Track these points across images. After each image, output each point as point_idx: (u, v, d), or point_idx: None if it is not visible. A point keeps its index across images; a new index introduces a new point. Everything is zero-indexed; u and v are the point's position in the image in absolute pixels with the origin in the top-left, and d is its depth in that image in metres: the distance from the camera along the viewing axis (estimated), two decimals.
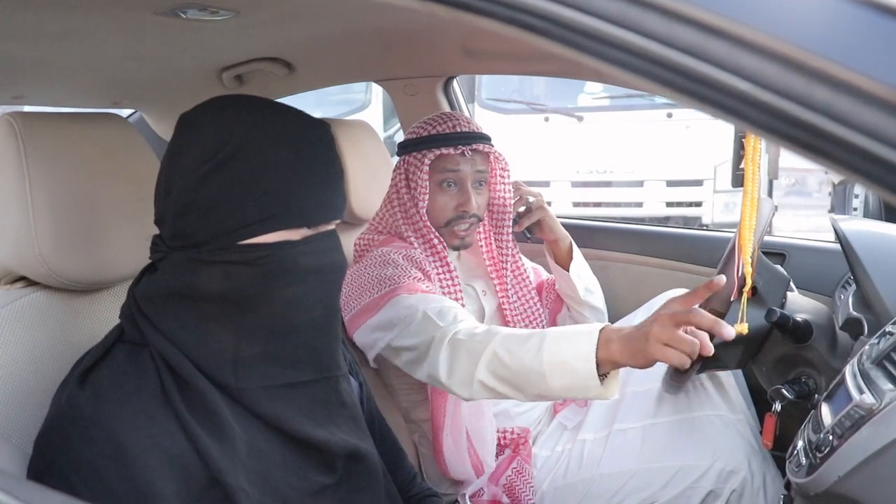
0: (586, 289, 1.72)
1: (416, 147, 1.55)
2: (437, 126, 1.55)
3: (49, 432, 0.83)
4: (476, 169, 1.56)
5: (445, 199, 1.55)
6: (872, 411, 0.94)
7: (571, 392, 1.17)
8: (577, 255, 1.74)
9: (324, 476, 0.93)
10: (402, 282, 1.43)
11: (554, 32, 0.45)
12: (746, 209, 1.16)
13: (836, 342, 1.40)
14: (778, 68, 0.41)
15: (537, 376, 1.16)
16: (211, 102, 0.89)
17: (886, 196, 0.43)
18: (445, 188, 1.55)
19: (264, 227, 0.84)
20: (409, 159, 1.55)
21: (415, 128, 1.59)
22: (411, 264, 1.49)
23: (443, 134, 1.53)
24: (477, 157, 1.56)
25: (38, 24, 1.16)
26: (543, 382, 1.15)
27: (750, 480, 1.42)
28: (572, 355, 1.12)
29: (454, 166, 1.53)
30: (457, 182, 1.55)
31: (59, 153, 1.00)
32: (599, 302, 1.76)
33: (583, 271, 1.75)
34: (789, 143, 0.42)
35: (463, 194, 1.55)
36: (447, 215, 1.56)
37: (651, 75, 0.43)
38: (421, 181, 1.52)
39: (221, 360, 0.86)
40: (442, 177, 1.54)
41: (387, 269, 1.46)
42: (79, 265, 0.99)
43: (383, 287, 1.43)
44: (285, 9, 1.28)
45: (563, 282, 1.74)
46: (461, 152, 1.53)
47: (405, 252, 1.51)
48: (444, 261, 1.55)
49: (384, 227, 1.62)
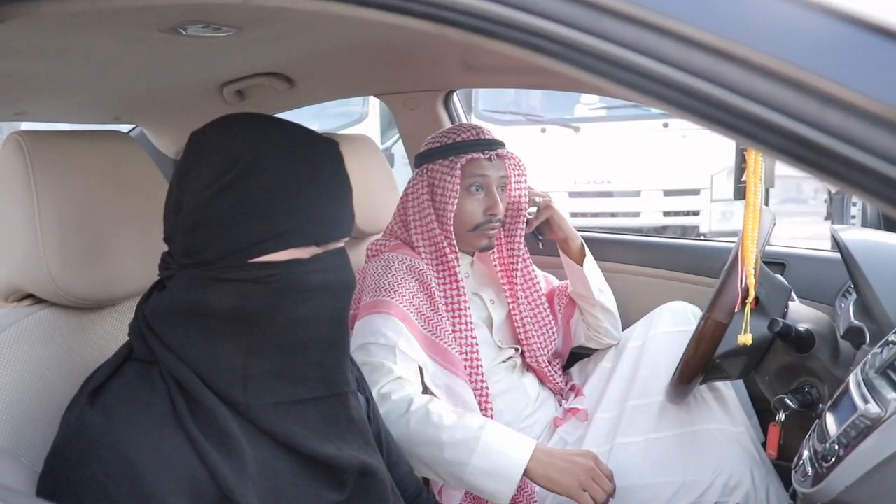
0: (599, 289, 1.74)
1: (443, 154, 1.59)
2: (461, 134, 1.60)
3: (60, 451, 0.83)
4: (500, 174, 1.61)
5: (474, 203, 1.59)
6: (878, 421, 0.94)
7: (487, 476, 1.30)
8: (588, 253, 1.76)
9: (334, 492, 0.93)
10: (387, 297, 1.47)
11: (568, 56, 0.46)
12: (749, 221, 1.18)
13: (838, 351, 1.41)
14: (791, 92, 0.41)
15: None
16: (221, 121, 0.89)
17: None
18: (474, 192, 1.59)
19: (275, 245, 0.84)
20: (436, 167, 1.59)
21: (436, 138, 1.63)
22: (411, 275, 1.52)
23: (470, 141, 1.59)
24: (500, 163, 1.61)
25: (40, 41, 1.16)
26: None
27: (753, 493, 1.42)
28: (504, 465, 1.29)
29: (482, 171, 1.59)
30: (484, 186, 1.59)
31: (66, 171, 1.00)
32: (612, 304, 1.78)
33: (595, 271, 1.76)
34: (801, 164, 0.43)
35: (490, 198, 1.60)
36: (476, 219, 1.60)
37: (666, 98, 0.44)
38: (450, 186, 1.56)
39: (231, 377, 0.87)
40: (470, 181, 1.58)
41: (385, 278, 1.50)
42: (86, 282, 1.00)
43: (377, 294, 1.48)
44: (287, 25, 1.29)
45: (576, 281, 1.75)
46: (488, 157, 1.59)
47: (409, 262, 1.54)
48: (451, 271, 1.57)
49: (395, 236, 1.66)
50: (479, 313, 1.67)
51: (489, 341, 1.66)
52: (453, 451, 1.30)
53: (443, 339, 1.50)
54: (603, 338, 1.77)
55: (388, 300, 1.46)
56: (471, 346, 1.55)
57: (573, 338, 1.83)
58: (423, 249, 1.58)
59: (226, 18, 1.15)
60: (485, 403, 1.53)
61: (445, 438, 1.30)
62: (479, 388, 1.53)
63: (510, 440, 1.31)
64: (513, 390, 1.66)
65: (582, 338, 1.81)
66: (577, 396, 1.74)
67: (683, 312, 1.72)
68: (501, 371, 1.67)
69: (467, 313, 1.57)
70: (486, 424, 1.32)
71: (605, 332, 1.76)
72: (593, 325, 1.76)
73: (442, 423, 1.31)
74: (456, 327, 1.55)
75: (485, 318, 1.68)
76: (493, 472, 1.28)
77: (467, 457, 1.28)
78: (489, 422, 1.35)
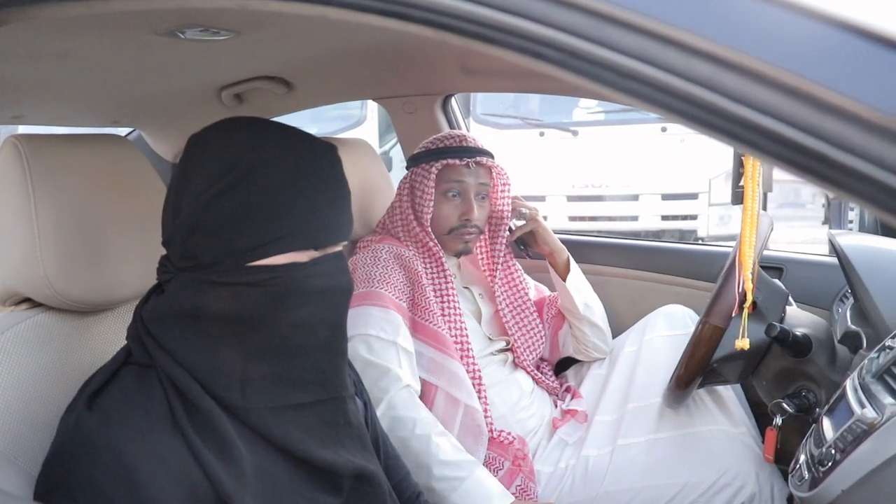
0: (585, 304, 1.74)
1: (425, 159, 1.65)
2: (445, 141, 1.65)
3: (57, 455, 0.83)
4: (479, 181, 1.65)
5: (450, 208, 1.64)
6: (874, 425, 0.95)
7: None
8: (574, 268, 1.77)
9: (330, 497, 0.93)
10: (380, 288, 1.51)
11: (570, 64, 0.46)
12: (746, 226, 1.18)
13: (835, 356, 1.41)
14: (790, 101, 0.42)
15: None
16: (220, 124, 0.90)
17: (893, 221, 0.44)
18: (450, 198, 1.64)
19: (273, 248, 0.84)
20: (417, 171, 1.66)
21: (425, 143, 1.69)
22: (399, 263, 1.57)
23: (450, 147, 1.64)
24: (480, 171, 1.66)
25: (38, 45, 1.16)
26: None
27: (758, 493, 1.43)
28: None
29: (459, 177, 1.64)
30: (461, 192, 1.65)
31: (64, 174, 1.00)
32: (600, 320, 1.78)
33: (582, 286, 1.77)
34: (800, 172, 0.43)
35: (466, 203, 1.64)
36: (451, 223, 1.65)
37: (667, 106, 0.44)
38: (427, 190, 1.62)
39: (229, 381, 0.87)
40: (447, 186, 1.64)
41: (375, 268, 1.55)
42: (84, 286, 1.00)
43: (370, 285, 1.52)
44: (285, 29, 1.29)
45: (563, 294, 1.77)
46: (466, 164, 1.63)
47: (396, 251, 1.59)
48: (437, 260, 1.62)
49: (383, 230, 1.71)
50: (468, 305, 1.71)
51: (478, 331, 1.69)
52: (439, 484, 1.37)
53: (433, 321, 1.54)
54: (591, 352, 1.79)
55: (381, 292, 1.51)
56: (460, 330, 1.59)
57: (561, 349, 1.84)
58: (408, 243, 1.64)
59: (224, 22, 1.15)
60: (478, 385, 1.55)
61: (436, 473, 1.37)
62: (472, 371, 1.56)
63: (490, 491, 1.37)
64: (505, 382, 1.67)
65: (571, 349, 1.82)
66: (574, 398, 1.74)
67: (678, 316, 1.73)
68: (493, 363, 1.68)
69: (455, 299, 1.61)
70: (474, 472, 1.38)
71: (593, 347, 1.78)
72: (581, 339, 1.78)
73: (437, 456, 1.38)
74: (445, 311, 1.59)
75: (474, 310, 1.73)
76: None
77: (449, 493, 1.36)
78: (479, 468, 1.40)
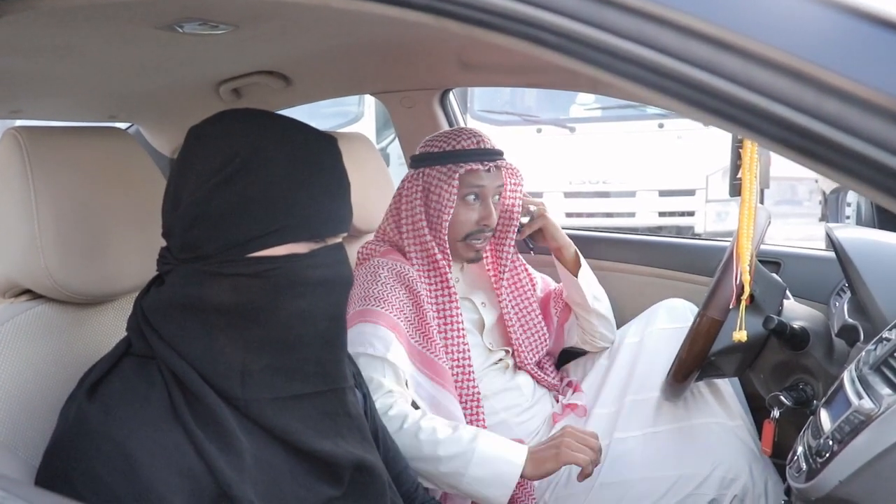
0: (594, 296, 1.74)
1: (442, 161, 1.55)
2: (462, 141, 1.56)
3: (58, 445, 0.83)
4: (496, 184, 1.59)
5: (469, 213, 1.57)
6: (871, 416, 0.95)
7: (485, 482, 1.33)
8: (583, 261, 1.76)
9: (330, 488, 0.93)
10: (375, 306, 1.46)
11: (568, 48, 0.46)
12: (744, 218, 1.18)
13: (832, 349, 1.42)
14: (789, 82, 0.42)
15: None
16: (219, 116, 0.90)
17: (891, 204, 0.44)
18: (469, 202, 1.57)
19: (272, 239, 0.84)
20: (433, 173, 1.56)
21: (435, 142, 1.59)
22: (400, 283, 1.50)
23: (470, 150, 1.55)
24: (497, 173, 1.59)
25: (36, 39, 1.16)
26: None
27: (751, 487, 1.43)
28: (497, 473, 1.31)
29: (480, 182, 1.56)
30: (480, 196, 1.57)
31: (63, 167, 1.00)
32: (607, 311, 1.78)
33: (591, 279, 1.76)
34: (799, 154, 0.43)
35: (486, 208, 1.58)
36: (467, 229, 1.58)
37: (665, 89, 0.44)
38: (447, 195, 1.53)
39: (229, 372, 0.87)
40: (467, 191, 1.56)
41: (374, 287, 1.48)
42: (84, 278, 1.00)
43: (366, 303, 1.47)
44: (284, 23, 1.29)
45: (571, 289, 1.75)
46: (487, 168, 1.56)
47: (398, 268, 1.52)
48: (443, 277, 1.56)
49: (386, 239, 1.63)
50: (469, 316, 1.66)
51: (479, 344, 1.66)
52: (449, 464, 1.32)
53: (431, 350, 1.49)
54: (598, 341, 1.78)
55: (376, 310, 1.45)
56: (462, 353, 1.55)
57: (565, 340, 1.84)
58: (413, 255, 1.56)
59: (222, 16, 1.15)
60: (475, 408, 1.53)
61: (441, 453, 1.32)
62: (470, 394, 1.53)
63: (504, 449, 1.33)
64: (507, 390, 1.66)
65: (575, 340, 1.82)
66: (574, 392, 1.75)
67: (680, 309, 1.73)
68: (493, 373, 1.67)
69: (458, 319, 1.56)
70: (478, 435, 1.34)
71: (600, 337, 1.77)
72: (588, 329, 1.77)
73: (436, 438, 1.33)
74: (448, 334, 1.55)
75: (475, 321, 1.68)
76: (490, 480, 1.30)
77: (464, 468, 1.31)
78: (482, 432, 1.36)
